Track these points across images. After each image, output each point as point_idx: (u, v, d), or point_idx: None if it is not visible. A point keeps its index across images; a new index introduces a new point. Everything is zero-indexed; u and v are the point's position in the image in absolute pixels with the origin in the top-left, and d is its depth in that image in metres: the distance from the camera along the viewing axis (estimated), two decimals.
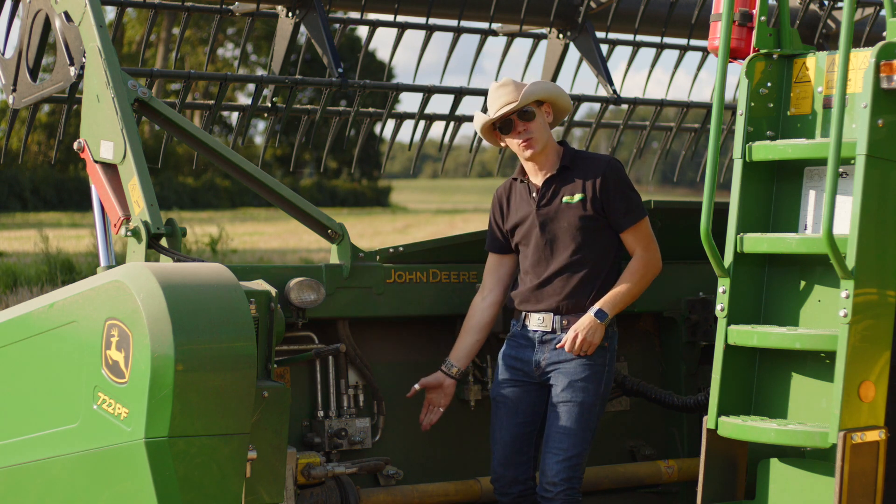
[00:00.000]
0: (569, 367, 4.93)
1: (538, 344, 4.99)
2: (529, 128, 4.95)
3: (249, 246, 23.43)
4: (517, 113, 4.95)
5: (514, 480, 5.01)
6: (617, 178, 4.97)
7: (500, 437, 5.04)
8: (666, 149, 8.33)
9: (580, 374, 4.92)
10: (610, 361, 5.00)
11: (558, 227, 4.97)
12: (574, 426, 4.89)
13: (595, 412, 4.94)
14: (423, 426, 5.22)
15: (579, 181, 4.97)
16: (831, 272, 4.25)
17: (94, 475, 4.19)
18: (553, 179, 5.00)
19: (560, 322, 4.97)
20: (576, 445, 4.89)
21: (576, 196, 4.95)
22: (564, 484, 4.86)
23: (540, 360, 4.98)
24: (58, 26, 5.29)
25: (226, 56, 42.92)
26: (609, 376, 5.01)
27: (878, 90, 4.16)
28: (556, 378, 4.95)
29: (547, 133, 5.00)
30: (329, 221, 5.28)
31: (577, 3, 7.24)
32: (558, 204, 4.98)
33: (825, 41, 7.83)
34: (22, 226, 29.62)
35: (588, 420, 4.92)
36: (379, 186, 52.86)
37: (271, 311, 4.31)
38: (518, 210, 5.08)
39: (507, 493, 5.02)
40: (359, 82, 6.78)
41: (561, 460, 4.88)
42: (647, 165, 11.34)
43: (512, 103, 4.94)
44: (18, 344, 4.52)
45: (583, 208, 4.94)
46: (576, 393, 4.91)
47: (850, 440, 4.13)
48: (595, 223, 4.95)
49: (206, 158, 5.17)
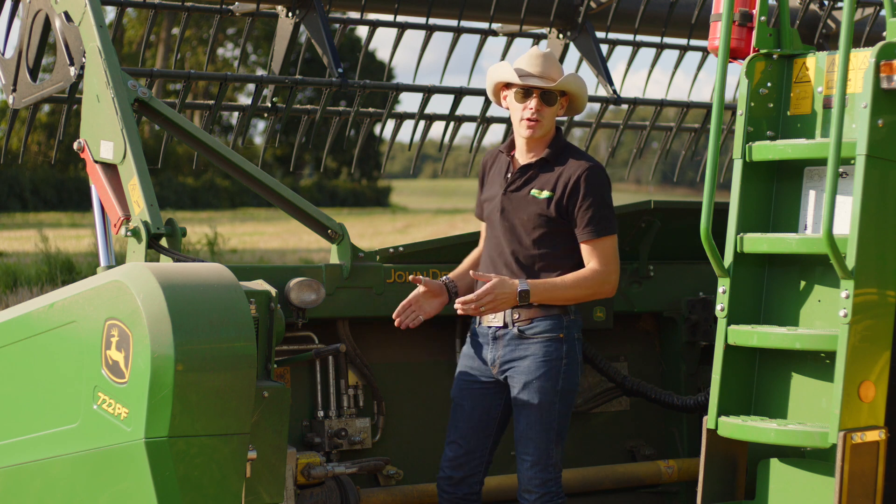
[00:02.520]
0: (523, 365, 4.76)
1: (492, 340, 4.83)
2: (545, 111, 4.77)
3: (249, 246, 23.43)
4: (543, 91, 4.78)
5: (460, 482, 4.89)
6: (590, 187, 4.75)
7: (453, 437, 4.91)
8: (666, 149, 8.33)
9: (535, 372, 4.74)
10: (568, 353, 4.79)
11: (517, 217, 4.80)
12: (536, 429, 4.75)
13: (555, 409, 4.76)
14: (397, 323, 4.92)
15: (553, 178, 4.79)
16: (831, 272, 4.25)
17: (94, 475, 4.19)
18: (530, 167, 4.83)
19: (512, 316, 4.77)
20: (541, 449, 4.75)
21: (544, 192, 4.78)
22: (540, 490, 4.75)
23: (495, 357, 4.82)
24: (58, 26, 5.29)
25: (226, 56, 42.93)
26: (570, 368, 4.79)
27: (878, 90, 4.16)
28: (512, 378, 4.79)
29: (553, 123, 4.84)
30: (329, 221, 5.28)
31: (577, 3, 7.24)
32: (525, 194, 4.81)
33: (825, 41, 7.83)
34: (22, 226, 29.63)
35: (549, 420, 4.76)
36: (379, 186, 52.86)
37: (271, 311, 4.31)
38: (492, 185, 4.93)
39: (450, 493, 4.90)
40: (359, 82, 6.78)
41: (529, 467, 4.76)
42: (647, 165, 11.34)
43: (547, 80, 4.75)
44: (18, 344, 4.52)
45: (546, 206, 4.76)
46: (531, 394, 4.75)
47: (850, 440, 4.13)
48: (556, 225, 4.77)
49: (206, 158, 5.17)
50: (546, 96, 4.77)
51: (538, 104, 4.77)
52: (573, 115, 4.97)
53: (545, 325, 4.77)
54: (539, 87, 4.76)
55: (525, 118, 4.78)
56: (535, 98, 4.77)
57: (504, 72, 4.82)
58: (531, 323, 4.77)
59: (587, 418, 6.02)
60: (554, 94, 4.78)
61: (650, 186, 59.28)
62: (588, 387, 6.00)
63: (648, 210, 5.75)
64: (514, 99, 4.81)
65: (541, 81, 4.75)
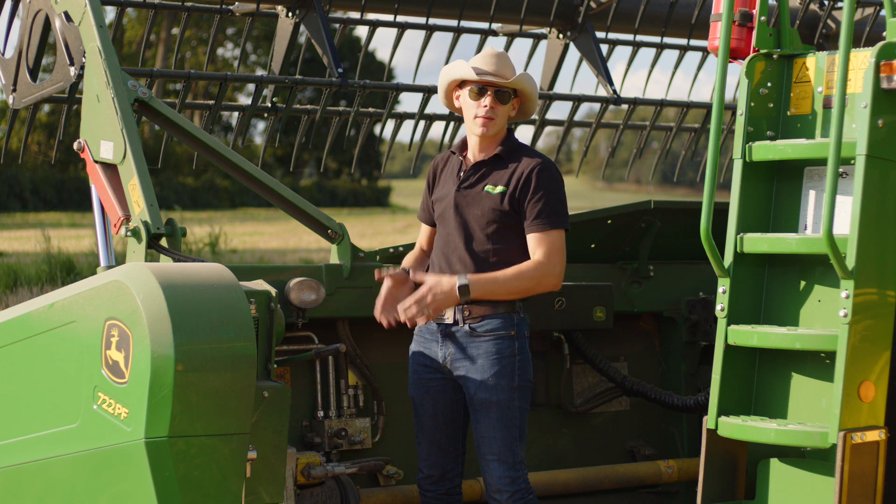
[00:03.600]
0: (476, 365, 4.74)
1: (442, 337, 4.81)
2: (498, 109, 4.79)
3: (249, 246, 23.43)
4: (497, 89, 4.79)
5: (440, 478, 4.88)
6: (542, 181, 4.74)
7: (422, 437, 4.90)
8: (666, 149, 8.33)
9: (489, 370, 4.72)
10: (521, 350, 4.76)
11: (472, 213, 4.80)
12: (497, 428, 4.73)
13: (514, 407, 4.74)
14: (385, 324, 4.83)
15: (507, 174, 4.79)
16: (831, 272, 4.25)
17: (93, 475, 4.19)
18: (483, 164, 4.84)
19: (462, 313, 4.75)
20: (505, 447, 4.73)
21: (498, 187, 4.78)
22: (510, 488, 4.73)
23: (446, 354, 4.80)
24: (58, 26, 5.29)
25: (226, 56, 42.94)
26: (523, 364, 4.76)
27: (878, 90, 4.16)
28: (465, 377, 4.77)
29: (505, 122, 4.85)
30: (329, 221, 5.28)
31: (577, 3, 7.24)
32: (479, 190, 4.81)
33: (825, 41, 7.83)
34: (22, 226, 29.62)
35: (509, 418, 4.73)
36: (379, 186, 52.84)
37: (271, 311, 4.31)
38: (444, 185, 4.93)
39: (432, 491, 4.90)
40: (359, 82, 6.79)
41: (496, 467, 4.74)
42: (647, 165, 11.34)
43: (501, 78, 4.78)
44: (18, 344, 4.52)
45: (500, 201, 4.76)
46: (489, 393, 4.72)
47: (850, 440, 4.13)
48: (511, 220, 4.76)
49: (206, 158, 5.17)
50: (500, 94, 4.80)
51: (492, 101, 4.79)
52: (522, 119, 4.97)
53: (496, 322, 4.76)
54: (494, 84, 4.79)
55: (479, 115, 4.80)
56: (490, 95, 4.79)
57: (460, 69, 4.84)
58: (482, 321, 4.76)
59: (587, 418, 6.02)
60: (507, 92, 4.81)
61: (650, 186, 59.31)
62: (588, 387, 6.01)
63: (648, 210, 5.76)
64: (468, 96, 4.83)
65: (495, 79, 4.79)
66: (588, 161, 33.17)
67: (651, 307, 6.04)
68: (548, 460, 5.90)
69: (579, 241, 5.61)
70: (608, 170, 5.70)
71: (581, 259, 5.85)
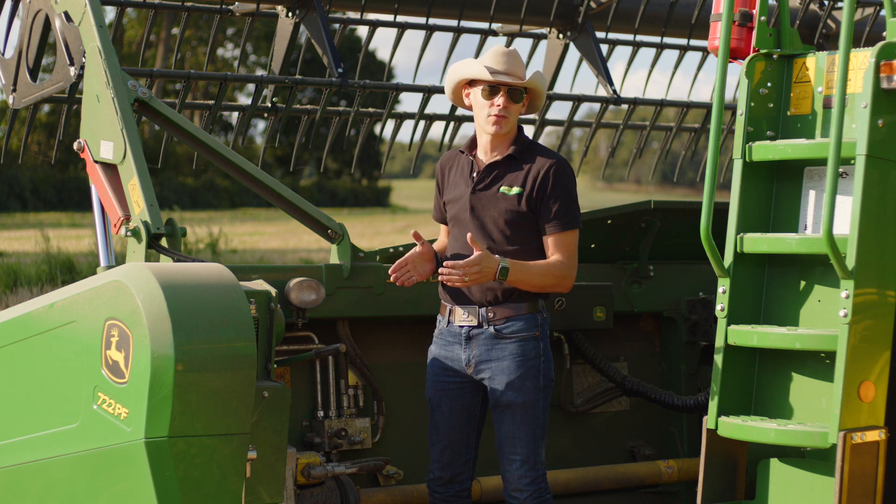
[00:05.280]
0: (502, 366, 4.75)
1: (465, 340, 4.81)
2: (511, 108, 4.77)
3: (249, 246, 23.43)
4: (510, 88, 4.77)
5: (450, 481, 4.89)
6: (558, 181, 4.75)
7: (437, 439, 4.90)
8: (666, 149, 8.33)
9: (515, 371, 4.74)
10: (545, 350, 4.79)
11: (488, 215, 4.79)
12: (522, 429, 4.74)
13: (539, 407, 4.77)
14: (393, 279, 4.84)
15: (521, 175, 4.77)
16: (831, 272, 4.25)
17: (93, 475, 4.19)
18: (496, 165, 4.82)
19: (486, 315, 4.77)
20: (529, 447, 4.75)
21: (514, 188, 4.77)
22: (530, 488, 4.76)
23: (470, 356, 4.80)
24: (58, 26, 5.29)
25: (226, 56, 42.93)
26: (546, 365, 4.79)
27: (878, 90, 4.17)
28: (491, 379, 4.78)
29: (517, 120, 4.85)
30: (329, 221, 5.28)
31: (577, 3, 7.24)
32: (494, 192, 4.80)
33: (825, 41, 7.83)
34: (22, 226, 29.61)
35: (535, 418, 4.76)
36: (379, 186, 52.84)
37: (271, 311, 4.31)
38: (455, 186, 4.91)
39: (441, 493, 4.91)
40: (359, 82, 6.79)
41: (518, 466, 4.76)
42: (647, 165, 11.34)
43: (515, 77, 4.75)
44: (18, 344, 4.52)
45: (517, 203, 4.75)
46: (516, 394, 4.74)
47: (850, 440, 4.13)
48: (528, 220, 4.76)
49: (206, 158, 5.17)
50: (512, 93, 4.78)
51: (506, 101, 4.77)
52: (530, 114, 4.96)
53: (521, 324, 4.77)
54: (508, 84, 4.76)
55: (493, 114, 4.77)
56: (503, 95, 4.77)
57: (473, 68, 4.80)
58: (507, 322, 4.77)
59: (587, 418, 6.02)
60: (520, 91, 4.79)
61: (650, 186, 59.30)
62: (588, 387, 6.00)
63: (648, 210, 5.76)
64: (479, 95, 4.80)
65: (509, 79, 4.76)
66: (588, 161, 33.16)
67: (651, 307, 6.04)
68: (548, 460, 5.89)
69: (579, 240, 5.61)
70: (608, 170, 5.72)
71: (581, 259, 5.82)
